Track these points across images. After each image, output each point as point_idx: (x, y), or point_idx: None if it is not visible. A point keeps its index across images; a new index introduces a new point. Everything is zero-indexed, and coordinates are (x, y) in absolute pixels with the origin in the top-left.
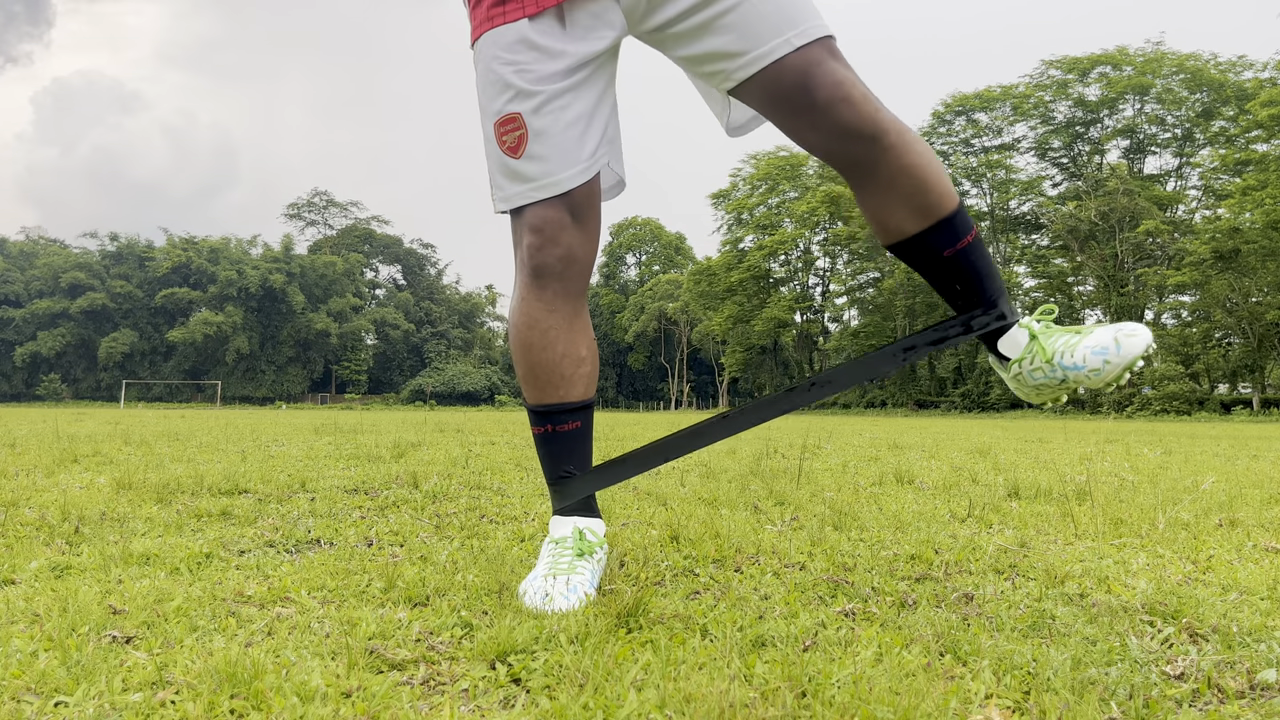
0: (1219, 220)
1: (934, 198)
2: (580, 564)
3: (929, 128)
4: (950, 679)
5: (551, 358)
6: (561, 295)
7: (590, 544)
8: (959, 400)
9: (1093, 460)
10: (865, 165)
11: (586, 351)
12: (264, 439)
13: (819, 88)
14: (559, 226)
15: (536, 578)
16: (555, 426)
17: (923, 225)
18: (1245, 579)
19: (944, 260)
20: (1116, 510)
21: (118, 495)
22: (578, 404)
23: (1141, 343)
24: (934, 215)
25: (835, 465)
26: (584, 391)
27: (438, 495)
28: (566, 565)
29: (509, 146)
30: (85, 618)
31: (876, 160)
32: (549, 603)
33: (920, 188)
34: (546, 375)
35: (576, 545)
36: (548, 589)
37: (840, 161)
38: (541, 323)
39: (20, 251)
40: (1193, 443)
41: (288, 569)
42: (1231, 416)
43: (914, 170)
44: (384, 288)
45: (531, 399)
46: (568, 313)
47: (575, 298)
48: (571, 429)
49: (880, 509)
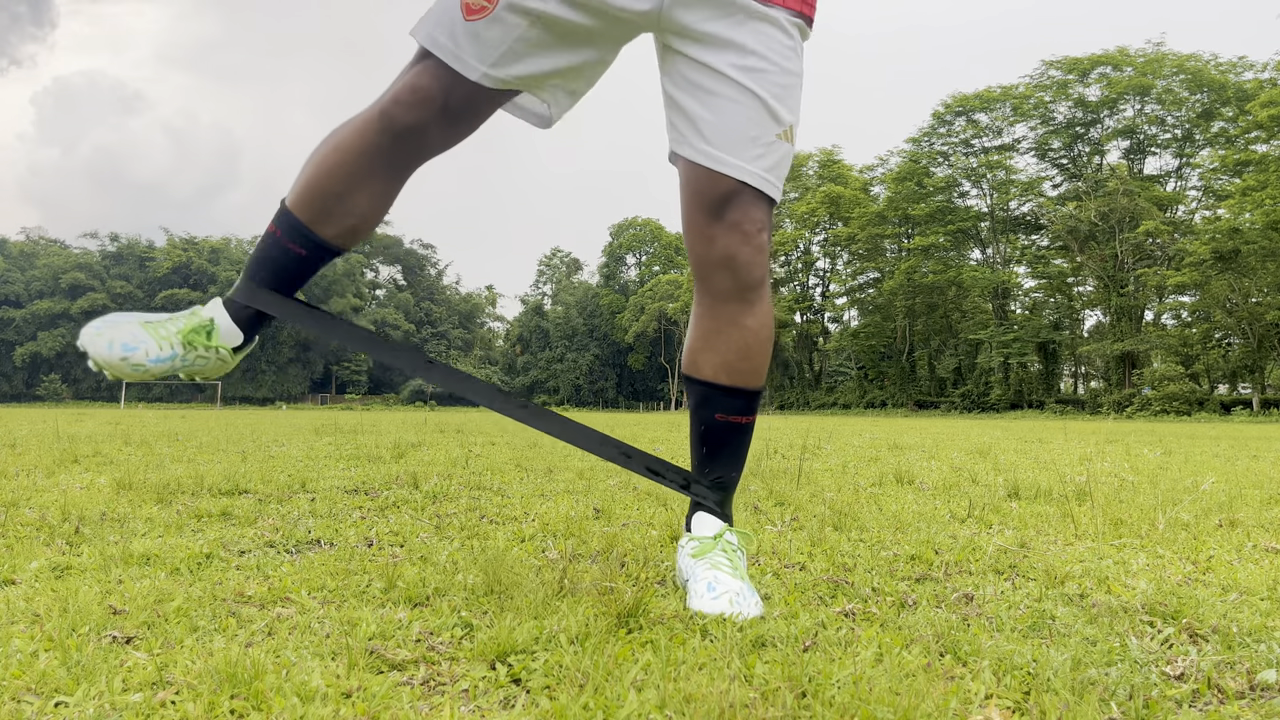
0: (1219, 221)
1: (749, 368)
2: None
3: (929, 128)
4: (950, 679)
5: (340, 189)
6: (396, 166)
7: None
8: (959, 400)
9: (1093, 461)
10: (724, 295)
11: (362, 207)
12: (264, 439)
13: (743, 220)
14: (433, 103)
15: (723, 578)
16: (292, 244)
17: (724, 382)
18: (1245, 579)
19: (715, 422)
20: (1116, 511)
21: (118, 495)
22: (323, 242)
23: (740, 610)
24: (740, 381)
25: (835, 466)
26: (334, 234)
27: (438, 496)
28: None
29: (469, 6)
30: (85, 618)
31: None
32: (741, 603)
33: (746, 353)
34: (323, 195)
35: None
36: (740, 589)
37: (712, 275)
38: (351, 151)
39: (20, 252)
40: (1192, 443)
41: (288, 569)
42: (1231, 417)
43: (751, 335)
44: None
45: (293, 203)
46: (382, 168)
47: (400, 169)
48: (296, 253)
49: (880, 509)
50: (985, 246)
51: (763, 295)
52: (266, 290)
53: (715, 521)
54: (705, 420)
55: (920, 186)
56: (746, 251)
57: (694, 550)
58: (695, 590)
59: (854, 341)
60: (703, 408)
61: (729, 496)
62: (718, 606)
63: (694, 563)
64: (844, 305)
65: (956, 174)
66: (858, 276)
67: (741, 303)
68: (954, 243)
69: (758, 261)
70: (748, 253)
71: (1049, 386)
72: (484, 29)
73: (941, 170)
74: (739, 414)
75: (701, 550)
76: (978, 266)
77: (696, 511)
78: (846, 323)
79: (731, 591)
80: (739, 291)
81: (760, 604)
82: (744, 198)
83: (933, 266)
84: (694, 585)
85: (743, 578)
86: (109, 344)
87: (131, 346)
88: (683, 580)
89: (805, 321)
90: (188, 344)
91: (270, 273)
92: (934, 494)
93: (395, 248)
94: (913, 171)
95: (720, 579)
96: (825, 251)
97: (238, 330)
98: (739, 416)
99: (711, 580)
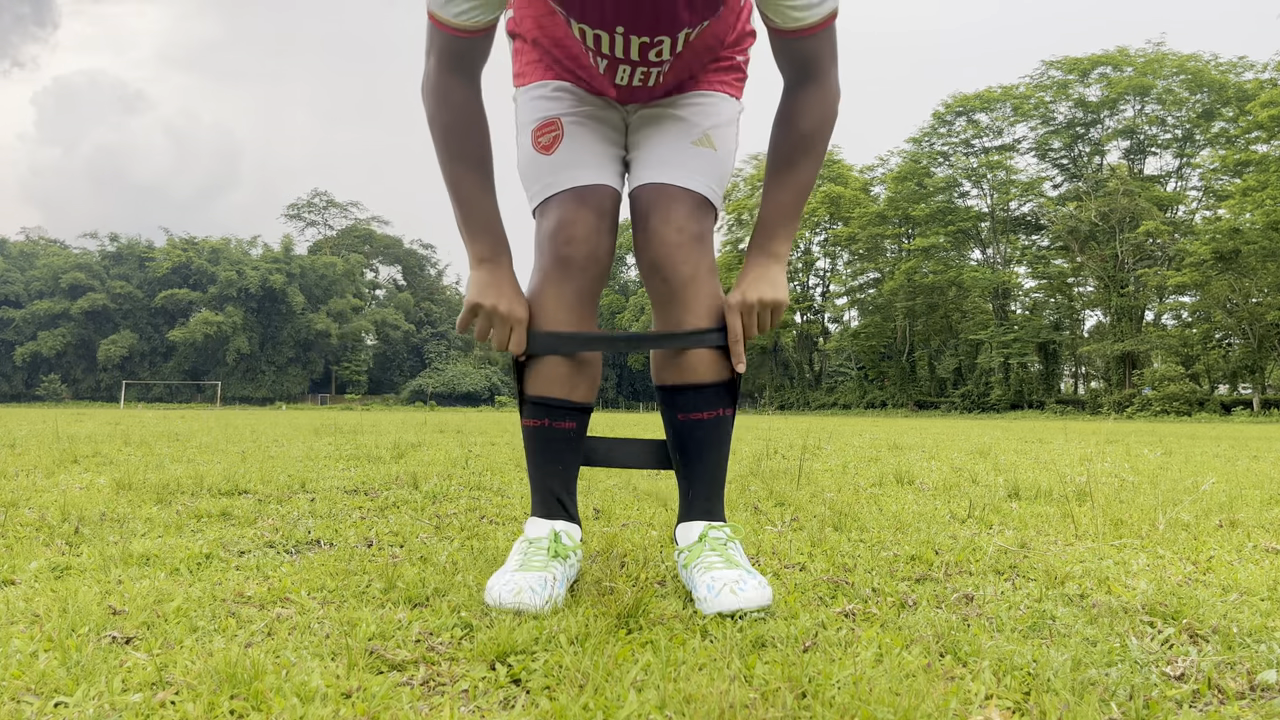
0: (1219, 221)
1: (690, 363)
2: (554, 564)
3: (929, 128)
4: (950, 680)
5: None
6: (576, 294)
7: (565, 548)
8: (959, 401)
9: (1093, 461)
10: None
11: (593, 356)
12: (264, 439)
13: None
14: (585, 223)
15: (506, 572)
16: (553, 421)
17: (671, 381)
18: (1245, 580)
19: (678, 422)
20: (1117, 511)
21: (117, 496)
22: (579, 404)
23: (749, 601)
24: (685, 378)
25: (835, 466)
26: (586, 393)
27: (438, 496)
28: (540, 564)
29: (543, 145)
30: (85, 618)
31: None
32: (518, 595)
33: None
34: (554, 371)
35: (552, 547)
36: (519, 583)
37: (648, 283)
38: (557, 316)
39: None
40: (1193, 443)
41: (287, 569)
42: (1232, 417)
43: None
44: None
45: (532, 390)
46: (581, 313)
47: (590, 299)
48: (567, 428)
49: (880, 510)
50: (985, 247)
51: (697, 292)
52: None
53: (697, 525)
54: (671, 423)
55: (920, 186)
56: (665, 251)
57: (684, 560)
58: (699, 597)
59: (854, 342)
60: (667, 412)
61: (715, 499)
62: (722, 603)
63: (689, 572)
64: (844, 305)
65: (957, 174)
66: (858, 277)
67: (676, 304)
68: (954, 243)
69: (679, 258)
70: (666, 252)
71: (1049, 387)
72: (566, 147)
73: (942, 170)
74: (698, 410)
75: (691, 557)
76: (978, 267)
77: (679, 525)
78: (846, 323)
79: (730, 582)
80: (672, 293)
81: (764, 584)
82: (661, 202)
83: (933, 267)
84: (697, 593)
85: (738, 565)
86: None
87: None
88: (690, 591)
89: (805, 321)
90: (557, 558)
91: (564, 463)
92: (934, 494)
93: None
94: (913, 171)
95: (716, 577)
96: (825, 251)
97: (563, 522)
98: (699, 413)
99: (709, 581)
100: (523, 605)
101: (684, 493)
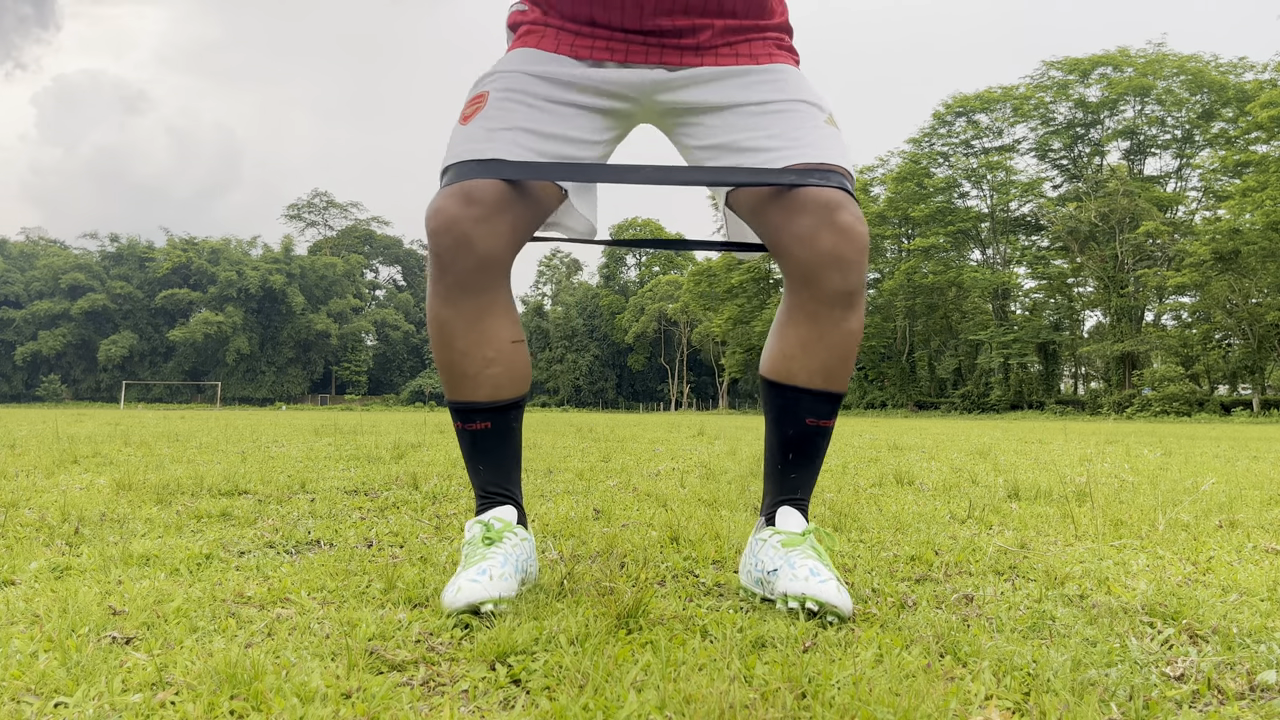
0: (1219, 221)
1: (845, 371)
2: (490, 551)
3: (929, 129)
4: (950, 680)
5: (452, 356)
6: (458, 290)
7: (497, 530)
8: (959, 401)
9: (1093, 461)
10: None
11: (495, 353)
12: (264, 440)
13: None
14: (457, 217)
15: (452, 579)
16: (464, 424)
17: (820, 387)
18: (1245, 580)
19: (806, 427)
20: (1116, 511)
21: (117, 496)
22: (484, 404)
23: (834, 601)
24: (836, 385)
25: (835, 466)
26: (490, 393)
27: (438, 496)
28: (477, 556)
29: (464, 117)
30: (85, 619)
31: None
32: (459, 594)
33: (845, 356)
34: (449, 370)
35: (483, 536)
36: (459, 583)
37: (819, 278)
38: (440, 316)
39: (20, 252)
40: (1193, 444)
41: (287, 570)
42: (1231, 418)
43: (853, 338)
44: (384, 289)
45: (444, 390)
46: (469, 310)
47: (477, 294)
48: (480, 429)
49: (880, 510)
50: (985, 247)
51: (863, 296)
52: None
53: (801, 519)
54: (795, 426)
55: (920, 187)
56: (851, 251)
57: (784, 541)
58: (795, 575)
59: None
60: (793, 413)
61: (809, 497)
62: (827, 591)
63: (787, 551)
64: None
65: (957, 175)
66: None
67: (847, 307)
68: (954, 243)
69: (862, 261)
70: (853, 252)
71: (1049, 387)
72: (479, 123)
73: (942, 171)
74: (828, 417)
75: (792, 542)
76: (978, 267)
77: (780, 507)
78: None
79: (835, 580)
80: (847, 294)
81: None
82: (847, 197)
83: (933, 267)
84: (792, 570)
85: (836, 571)
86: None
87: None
88: (765, 570)
89: None
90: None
91: (486, 462)
92: (934, 495)
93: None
94: (913, 172)
95: (820, 568)
96: None
97: (495, 509)
98: (828, 420)
99: (813, 567)
100: (466, 600)
101: (789, 480)
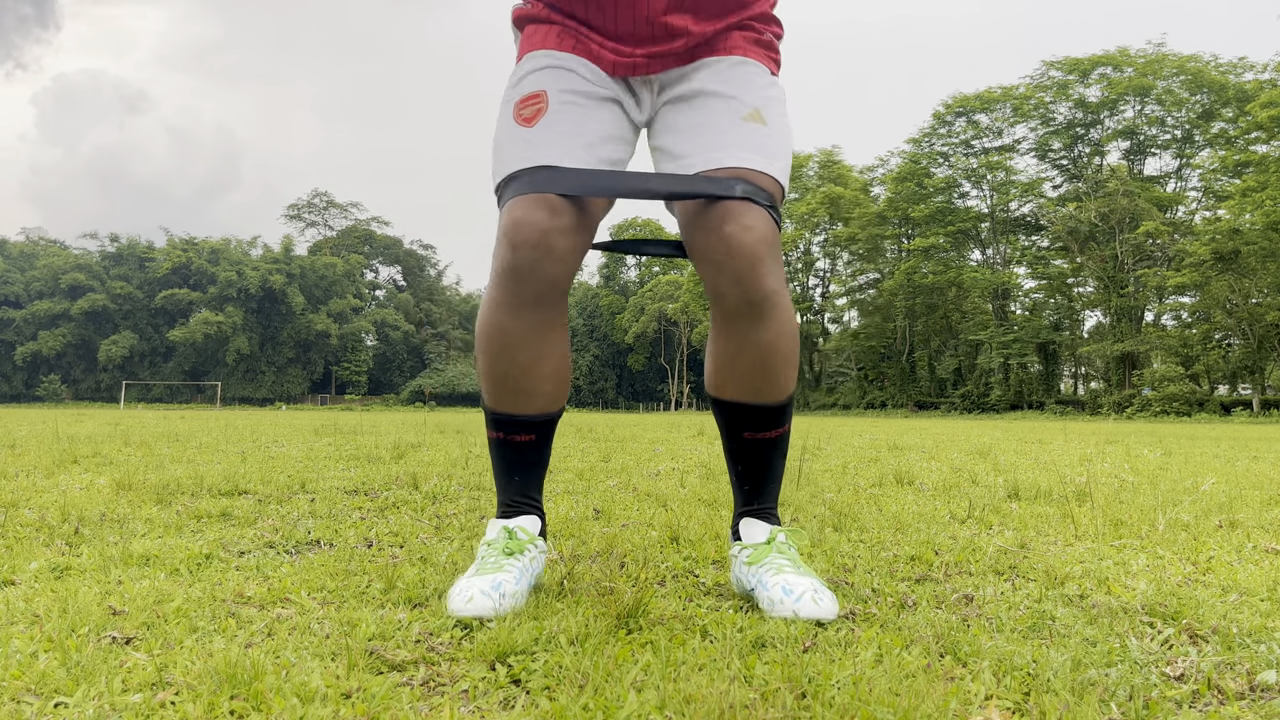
0: (1219, 222)
1: (771, 384)
2: (508, 563)
3: (929, 129)
4: (950, 680)
5: (510, 369)
6: (533, 303)
7: (520, 542)
8: (959, 401)
9: (1093, 461)
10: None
11: (552, 369)
12: (264, 440)
13: None
14: (546, 229)
15: (464, 578)
16: (507, 435)
17: (749, 400)
18: (1245, 580)
19: (745, 440)
20: (1116, 511)
21: (117, 496)
22: (535, 418)
23: (825, 611)
24: (765, 398)
25: (835, 466)
26: (543, 406)
27: (437, 496)
28: (493, 564)
29: (525, 118)
30: (85, 619)
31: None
32: (469, 603)
33: (764, 369)
34: (503, 382)
35: (505, 545)
36: (470, 590)
37: (721, 293)
38: (505, 328)
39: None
40: (1192, 444)
41: (287, 570)
42: (1231, 418)
43: (767, 350)
44: (384, 289)
45: (488, 402)
46: (536, 323)
47: (547, 308)
48: (524, 440)
49: (880, 510)
50: (985, 247)
51: (776, 305)
52: None
53: (764, 525)
54: (735, 440)
55: (920, 187)
56: (737, 262)
57: (749, 558)
58: (771, 597)
59: (854, 342)
60: (732, 427)
61: (773, 504)
62: (803, 609)
63: (755, 570)
64: (844, 306)
65: (957, 175)
66: (858, 277)
67: (754, 319)
68: (954, 243)
69: (754, 271)
70: (739, 262)
71: (1049, 387)
72: (548, 124)
73: (942, 171)
74: (767, 429)
75: (757, 556)
76: (978, 267)
77: (742, 519)
78: (846, 323)
79: (809, 590)
80: (748, 306)
81: (834, 597)
82: (738, 205)
83: (933, 267)
84: (767, 593)
85: (809, 573)
86: None
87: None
88: (744, 589)
89: (805, 322)
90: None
91: (522, 473)
92: (934, 495)
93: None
94: (913, 172)
95: (791, 581)
96: (825, 252)
97: (520, 517)
98: (768, 431)
99: (784, 584)
100: (474, 612)
101: (744, 491)
